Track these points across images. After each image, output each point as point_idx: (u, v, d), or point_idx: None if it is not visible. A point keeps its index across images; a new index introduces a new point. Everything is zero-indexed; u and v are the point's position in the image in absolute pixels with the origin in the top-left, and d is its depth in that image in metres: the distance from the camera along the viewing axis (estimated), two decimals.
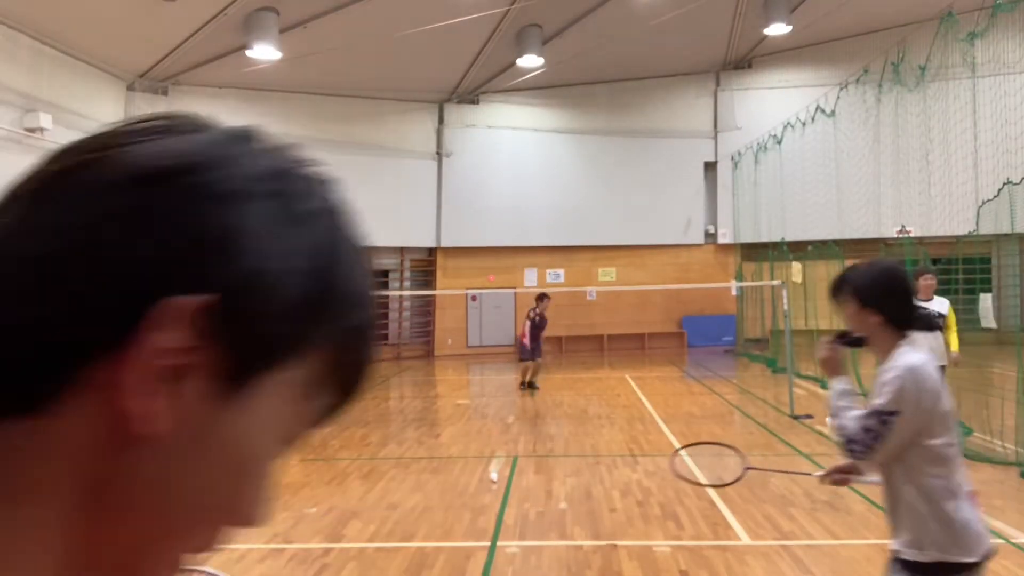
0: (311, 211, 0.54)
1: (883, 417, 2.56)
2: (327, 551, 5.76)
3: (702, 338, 22.55)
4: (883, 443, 2.56)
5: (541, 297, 14.38)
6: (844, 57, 21.38)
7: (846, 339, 2.86)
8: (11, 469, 0.44)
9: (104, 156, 0.49)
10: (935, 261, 11.32)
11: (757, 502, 6.74)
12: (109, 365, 0.43)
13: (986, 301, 9.24)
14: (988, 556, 2.59)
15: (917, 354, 2.66)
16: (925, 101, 18.51)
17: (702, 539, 5.82)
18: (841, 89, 19.97)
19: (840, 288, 2.82)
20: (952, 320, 8.16)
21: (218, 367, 0.45)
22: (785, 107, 21.60)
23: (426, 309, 22.90)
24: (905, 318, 2.74)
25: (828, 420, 4.02)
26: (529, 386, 14.32)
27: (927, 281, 7.90)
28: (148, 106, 17.76)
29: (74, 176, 0.48)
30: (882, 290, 2.74)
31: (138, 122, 0.54)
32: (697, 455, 5.49)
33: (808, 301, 15.55)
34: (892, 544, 2.66)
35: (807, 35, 21.18)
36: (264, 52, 16.56)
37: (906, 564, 2.59)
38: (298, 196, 0.53)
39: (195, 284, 0.44)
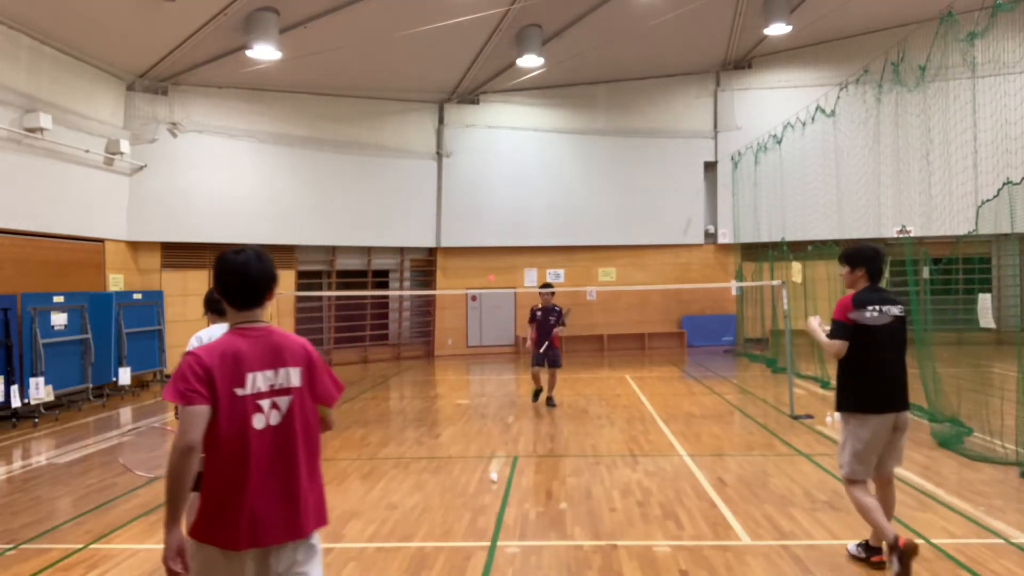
0: None
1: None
2: (327, 551, 5.75)
3: (702, 338, 22.55)
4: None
5: (543, 287, 12.61)
6: (844, 57, 21.38)
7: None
8: None
9: None
10: (935, 261, 11.30)
11: (757, 502, 6.74)
12: None
13: (984, 301, 9.21)
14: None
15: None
16: (925, 101, 18.51)
17: (702, 539, 5.82)
18: (841, 89, 19.96)
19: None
20: None
21: None
22: (785, 107, 21.60)
23: (426, 309, 22.89)
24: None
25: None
26: (546, 401, 12.28)
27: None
28: (148, 106, 17.77)
29: None
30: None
31: None
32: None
33: (808, 301, 15.54)
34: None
35: (807, 35, 21.18)
36: (264, 52, 16.55)
37: None
38: None
39: None
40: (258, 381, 2.85)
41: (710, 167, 23.09)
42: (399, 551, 5.73)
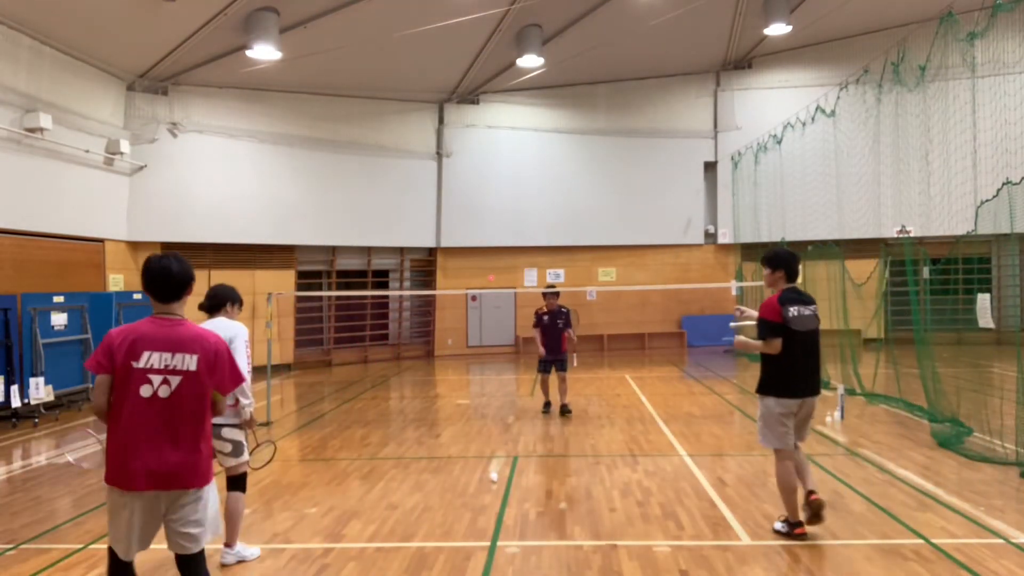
0: None
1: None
2: (327, 551, 5.76)
3: (702, 338, 22.55)
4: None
5: (546, 290, 11.94)
6: (844, 57, 21.38)
7: None
8: None
9: None
10: (935, 261, 11.31)
11: (757, 502, 6.74)
12: None
13: (983, 301, 9.21)
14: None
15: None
16: (925, 101, 18.51)
17: (702, 539, 5.82)
18: (841, 89, 19.96)
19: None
20: None
21: None
22: (785, 107, 21.60)
23: (426, 309, 22.90)
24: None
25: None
26: (560, 411, 11.55)
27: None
28: (148, 106, 17.77)
29: None
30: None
31: None
32: None
33: None
34: None
35: (807, 35, 21.19)
36: (264, 52, 16.55)
37: None
38: None
39: None
40: (152, 359, 3.59)
41: (710, 167, 23.10)
42: (399, 551, 5.73)
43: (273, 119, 19.57)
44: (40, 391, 12.27)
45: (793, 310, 5.74)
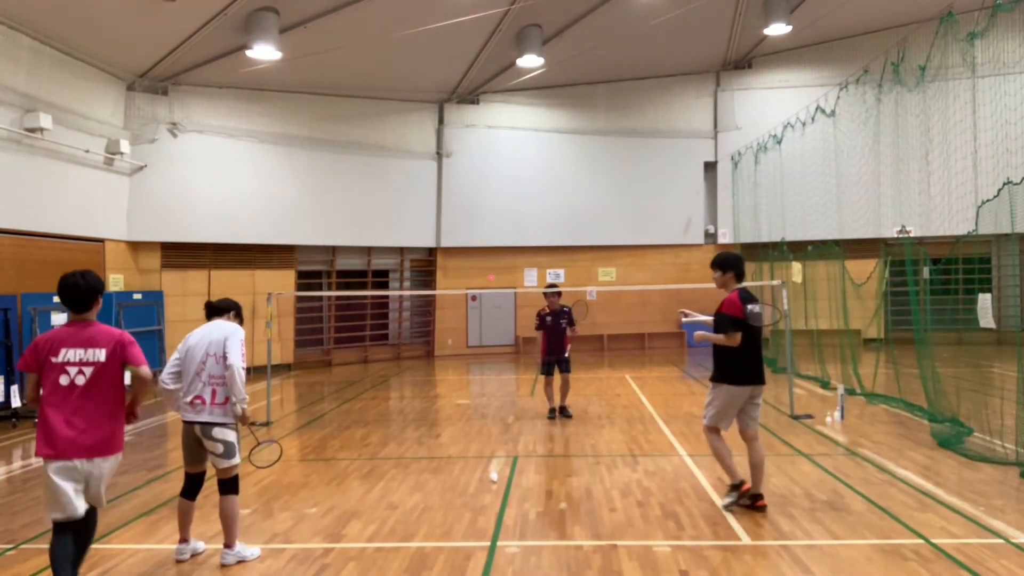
0: None
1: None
2: (327, 551, 5.76)
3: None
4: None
5: (547, 289, 11.72)
6: (844, 57, 21.38)
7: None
8: None
9: None
10: (935, 261, 11.30)
11: None
12: None
13: (984, 301, 9.20)
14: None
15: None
16: (925, 101, 18.51)
17: (702, 539, 5.82)
18: (841, 89, 19.96)
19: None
20: None
21: None
22: (785, 107, 21.60)
23: (426, 309, 22.90)
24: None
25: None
26: (560, 412, 11.41)
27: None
28: (148, 106, 17.77)
29: None
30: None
31: None
32: None
33: (808, 301, 15.55)
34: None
35: (807, 35, 21.19)
36: (264, 52, 16.55)
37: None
38: None
39: None
40: (69, 354, 4.56)
41: (710, 167, 23.10)
42: (399, 551, 5.72)
43: (273, 119, 19.57)
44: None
45: (751, 307, 6.48)
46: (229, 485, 5.53)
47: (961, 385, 10.78)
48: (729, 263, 6.79)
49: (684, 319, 7.87)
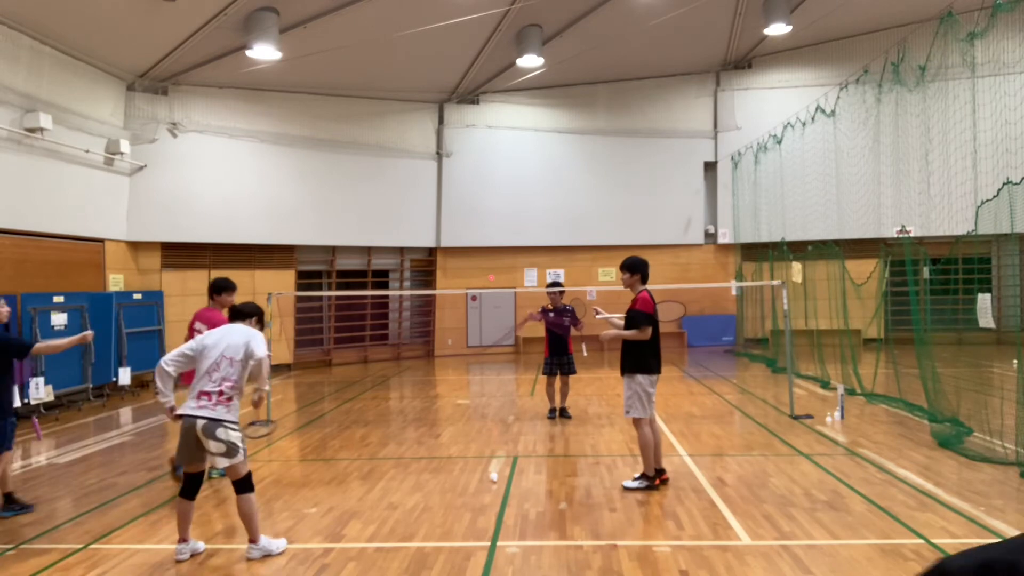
0: None
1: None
2: (327, 551, 5.76)
3: (702, 338, 22.56)
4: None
5: (550, 286, 11.41)
6: (844, 57, 21.39)
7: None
8: None
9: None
10: (935, 261, 11.31)
11: (757, 502, 6.74)
12: None
13: (984, 301, 9.22)
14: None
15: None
16: (925, 101, 18.50)
17: (702, 539, 5.82)
18: (841, 89, 19.97)
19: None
20: None
21: None
22: (785, 107, 21.60)
23: (426, 309, 22.90)
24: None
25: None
26: (560, 413, 11.32)
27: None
28: (148, 106, 17.76)
29: None
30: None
31: None
32: None
33: (808, 301, 15.55)
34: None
35: (807, 35, 21.18)
36: (264, 52, 16.55)
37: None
38: None
39: None
40: None
41: (710, 167, 23.10)
42: (399, 551, 5.73)
43: (273, 119, 19.57)
44: (40, 391, 12.27)
45: (659, 305, 7.71)
46: (242, 484, 5.58)
47: (961, 385, 10.79)
48: (636, 267, 7.72)
49: (596, 316, 8.54)
